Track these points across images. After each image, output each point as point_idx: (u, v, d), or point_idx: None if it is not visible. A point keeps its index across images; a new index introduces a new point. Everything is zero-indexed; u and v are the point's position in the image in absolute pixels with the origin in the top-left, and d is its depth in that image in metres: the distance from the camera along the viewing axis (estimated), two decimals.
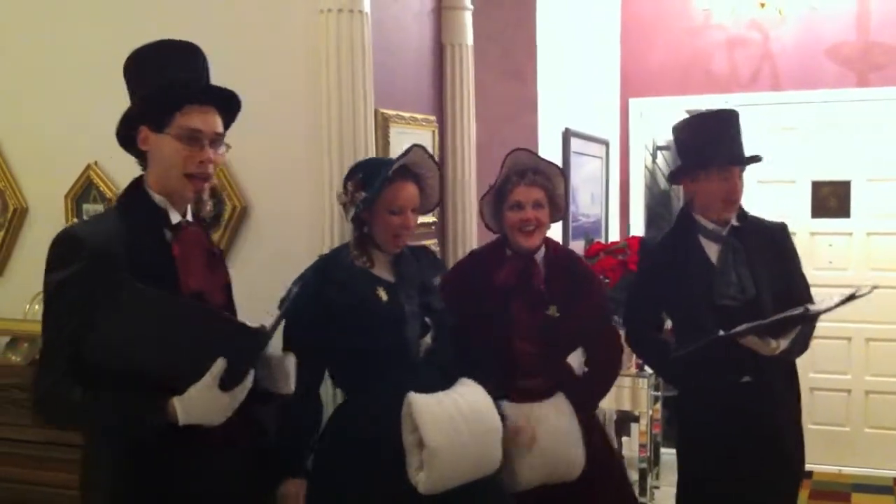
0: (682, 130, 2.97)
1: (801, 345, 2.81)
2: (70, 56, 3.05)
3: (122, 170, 2.98)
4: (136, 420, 1.83)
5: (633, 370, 4.42)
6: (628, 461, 3.00)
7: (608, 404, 4.39)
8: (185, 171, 1.94)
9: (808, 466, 5.06)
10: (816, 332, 2.89)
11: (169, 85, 1.94)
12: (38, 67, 3.10)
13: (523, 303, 2.69)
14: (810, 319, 2.72)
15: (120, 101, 2.02)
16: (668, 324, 3.07)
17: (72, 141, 3.05)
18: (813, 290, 2.93)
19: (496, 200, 2.75)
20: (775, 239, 2.93)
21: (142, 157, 2.00)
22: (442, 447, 2.25)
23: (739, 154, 2.86)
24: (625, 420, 4.57)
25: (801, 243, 5.16)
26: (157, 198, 1.96)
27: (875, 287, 2.79)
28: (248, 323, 1.88)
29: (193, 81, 1.97)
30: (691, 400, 2.97)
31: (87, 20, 3.02)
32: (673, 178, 3.03)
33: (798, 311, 2.63)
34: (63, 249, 1.86)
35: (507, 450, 2.51)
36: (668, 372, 3.15)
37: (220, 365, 1.81)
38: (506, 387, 2.63)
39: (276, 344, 2.16)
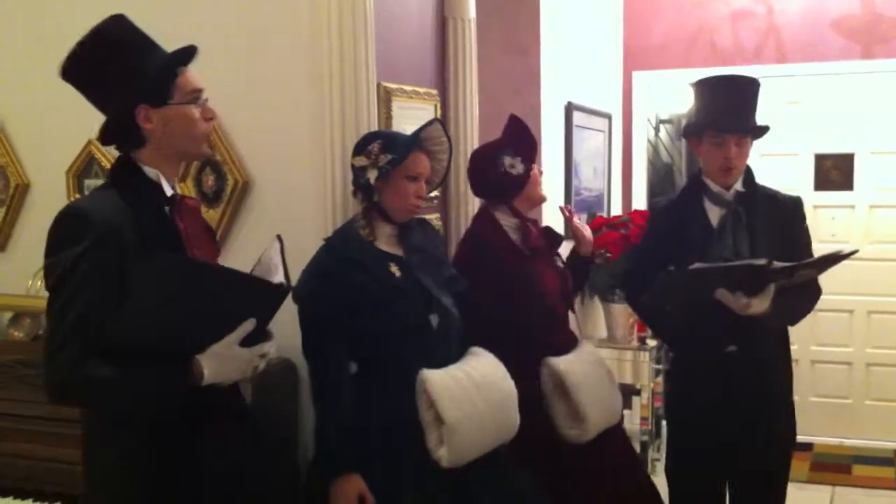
0: (695, 90, 2.93)
1: (784, 314, 2.71)
2: (71, 31, 3.02)
3: None
4: (170, 384, 1.80)
5: (635, 344, 4.44)
6: (630, 434, 3.05)
7: None
8: (202, 130, 1.97)
9: (809, 438, 5.17)
10: (819, 305, 2.86)
11: (165, 58, 1.93)
12: (39, 43, 3.07)
13: (544, 262, 2.84)
14: (774, 274, 2.57)
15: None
16: None
17: (73, 116, 3.02)
18: None
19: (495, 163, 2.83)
20: (784, 211, 2.86)
21: (131, 141, 1.95)
22: (460, 422, 2.27)
23: (736, 122, 2.75)
24: (626, 393, 4.58)
25: None
26: (150, 171, 1.95)
27: (856, 250, 2.71)
28: (272, 280, 1.87)
29: (184, 50, 1.95)
30: (680, 371, 2.99)
31: None
32: (683, 135, 3.07)
33: (761, 261, 2.55)
34: (72, 225, 1.80)
35: (572, 404, 2.67)
36: (661, 329, 3.17)
37: (248, 325, 1.83)
38: (544, 346, 2.75)
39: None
